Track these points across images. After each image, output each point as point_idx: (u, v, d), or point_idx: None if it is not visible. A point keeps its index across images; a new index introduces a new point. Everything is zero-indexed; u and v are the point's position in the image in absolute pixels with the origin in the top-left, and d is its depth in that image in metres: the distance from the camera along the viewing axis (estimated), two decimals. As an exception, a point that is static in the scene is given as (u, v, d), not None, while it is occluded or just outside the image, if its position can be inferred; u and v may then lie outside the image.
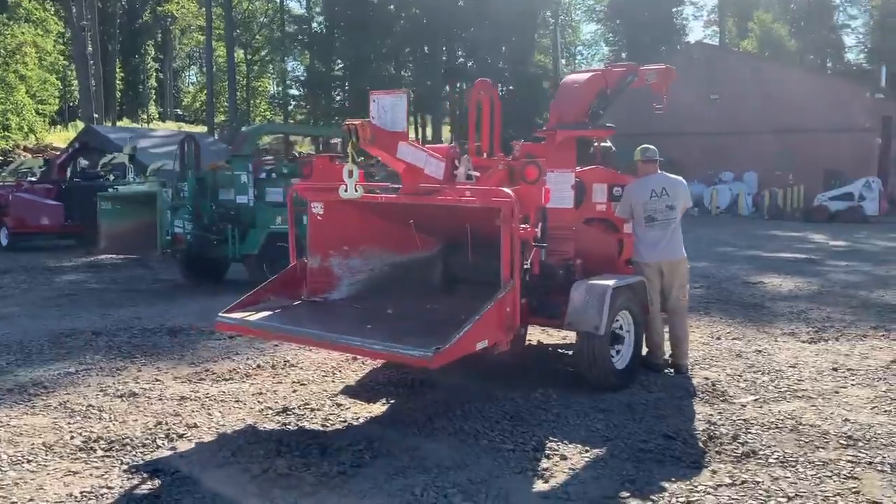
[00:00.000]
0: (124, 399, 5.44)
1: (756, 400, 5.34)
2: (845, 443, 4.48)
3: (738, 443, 4.48)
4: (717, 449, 4.40)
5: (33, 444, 4.55)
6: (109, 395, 5.55)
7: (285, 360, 6.47)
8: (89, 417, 5.05)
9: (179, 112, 66.48)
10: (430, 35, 41.26)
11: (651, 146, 6.05)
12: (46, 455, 4.38)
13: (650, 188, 5.94)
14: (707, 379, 5.86)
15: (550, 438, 4.56)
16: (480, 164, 5.76)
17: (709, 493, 3.78)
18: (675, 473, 4.05)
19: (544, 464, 4.20)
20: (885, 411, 5.07)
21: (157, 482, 4.00)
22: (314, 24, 44.97)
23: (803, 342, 7.16)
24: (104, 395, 5.53)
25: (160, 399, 5.45)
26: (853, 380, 5.83)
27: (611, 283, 5.37)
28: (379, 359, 4.43)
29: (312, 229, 5.53)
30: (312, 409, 5.16)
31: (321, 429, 4.83)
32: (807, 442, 4.50)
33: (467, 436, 4.61)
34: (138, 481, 4.01)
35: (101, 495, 3.85)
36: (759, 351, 6.77)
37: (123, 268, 13.54)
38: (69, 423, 4.93)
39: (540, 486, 3.93)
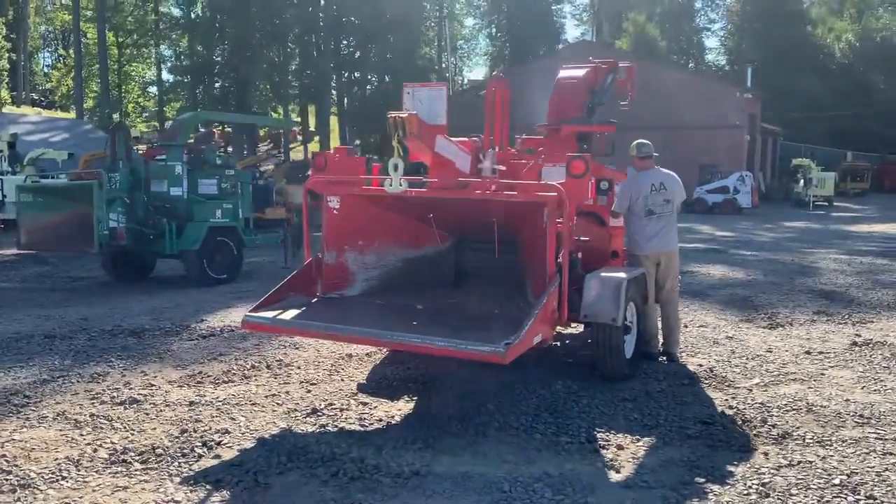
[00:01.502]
0: (127, 406, 5.07)
1: (758, 384, 5.66)
2: (860, 421, 4.84)
3: (769, 425, 4.74)
4: (754, 432, 4.64)
5: (56, 459, 4.17)
6: (107, 402, 5.16)
7: (278, 360, 6.23)
8: (100, 428, 4.68)
9: (35, 97, 61.78)
10: (317, 24, 40.49)
11: (647, 141, 6.25)
12: (78, 470, 4.04)
13: (650, 182, 6.14)
14: (700, 366, 6.15)
15: (597, 429, 4.65)
16: (501, 158, 5.76)
17: (776, 476, 3.98)
18: (733, 458, 4.24)
19: (606, 454, 4.28)
20: (875, 391, 5.51)
21: (225, 493, 3.77)
22: (195, 7, 42.93)
23: (763, 328, 7.64)
24: (102, 403, 5.14)
25: (167, 405, 5.12)
26: (829, 362, 6.29)
27: (624, 275, 5.53)
28: (443, 355, 4.36)
29: (328, 224, 5.36)
30: (341, 410, 5.01)
31: (361, 429, 4.70)
32: (826, 422, 4.82)
33: (516, 430, 4.62)
34: (204, 494, 3.77)
35: (173, 511, 3.60)
36: (730, 338, 7.16)
37: (20, 265, 12.54)
38: (81, 434, 4.55)
39: (615, 476, 4.01)
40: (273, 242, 11.76)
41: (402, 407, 5.12)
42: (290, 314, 4.95)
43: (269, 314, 4.89)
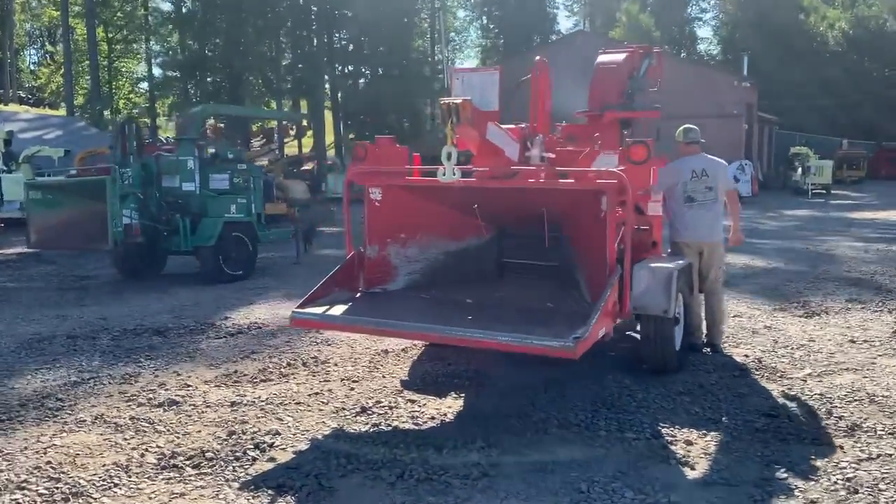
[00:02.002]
0: (166, 408, 4.88)
1: (811, 374, 5.51)
2: (926, 411, 4.71)
3: (836, 417, 4.59)
4: (821, 424, 4.50)
5: (104, 465, 3.99)
6: (145, 404, 4.97)
7: (313, 357, 6.04)
8: (143, 431, 4.49)
9: (22, 94, 61.03)
10: (310, 17, 40.07)
11: (694, 126, 6.09)
12: (129, 477, 3.85)
13: (691, 168, 5.99)
14: (747, 357, 6.01)
15: (660, 424, 4.49)
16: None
17: (858, 470, 3.83)
18: (807, 451, 4.09)
19: (676, 450, 4.12)
20: (931, 379, 5.39)
21: (290, 499, 3.60)
22: (186, 2, 42.41)
23: (799, 317, 7.51)
24: (139, 406, 4.95)
25: (208, 406, 4.93)
26: (876, 351, 6.15)
27: (673, 265, 5.37)
28: (509, 351, 4.19)
29: (370, 217, 5.17)
30: (390, 408, 4.83)
31: (415, 427, 4.53)
32: (893, 412, 4.69)
33: (577, 426, 4.46)
34: (267, 500, 3.59)
35: (239, 518, 3.42)
36: (768, 327, 7.02)
37: (23, 264, 12.28)
38: (124, 438, 4.37)
39: (691, 473, 3.86)
40: (285, 237, 11.55)
41: (451, 404, 4.95)
42: (339, 310, 4.77)
43: (318, 310, 4.71)
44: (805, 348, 6.24)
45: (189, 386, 5.36)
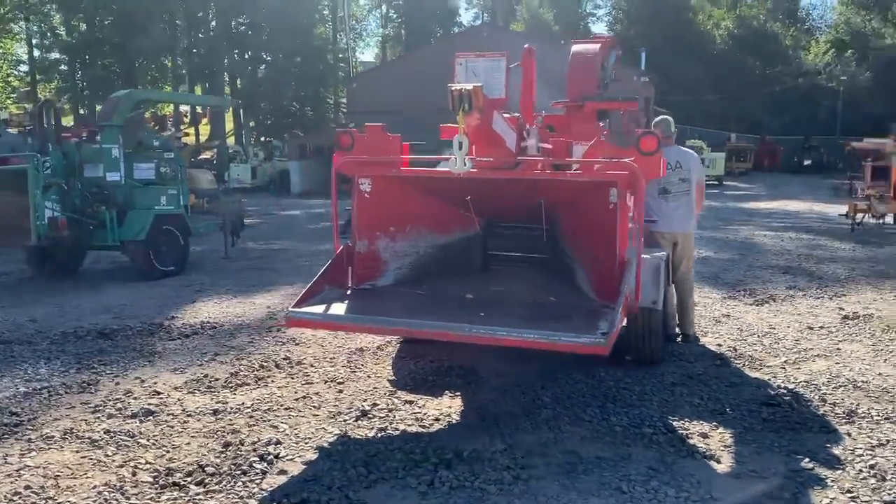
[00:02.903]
0: (142, 419, 4.47)
1: (787, 362, 5.65)
2: (908, 394, 4.90)
3: (830, 404, 4.70)
4: (820, 412, 4.59)
5: (93, 486, 3.59)
6: (116, 416, 4.53)
7: (284, 359, 5.71)
8: (125, 446, 4.08)
9: None
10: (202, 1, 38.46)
11: (668, 118, 6.11)
12: (128, 499, 3.48)
13: (666, 160, 6.00)
14: (720, 346, 6.10)
15: (669, 417, 4.47)
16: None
17: (876, 457, 3.90)
18: (819, 440, 4.15)
19: (697, 444, 4.09)
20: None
21: (321, 515, 3.33)
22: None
23: (751, 305, 7.73)
24: (110, 418, 4.51)
25: (189, 415, 4.55)
26: (835, 337, 6.38)
27: (658, 256, 5.38)
28: (537, 348, 4.02)
29: (360, 209, 4.90)
30: (390, 411, 4.59)
31: (423, 430, 4.31)
32: (878, 397, 4.84)
33: (589, 422, 4.37)
34: (297, 517, 3.31)
35: (273, 540, 3.13)
36: (727, 316, 7.19)
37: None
38: (106, 455, 3.96)
39: (719, 467, 3.83)
40: (213, 230, 10.97)
41: (450, 404, 4.76)
42: (338, 308, 4.48)
43: (316, 309, 4.40)
44: (770, 336, 6.41)
45: (159, 393, 4.94)
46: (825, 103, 47.90)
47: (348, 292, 4.87)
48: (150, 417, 4.50)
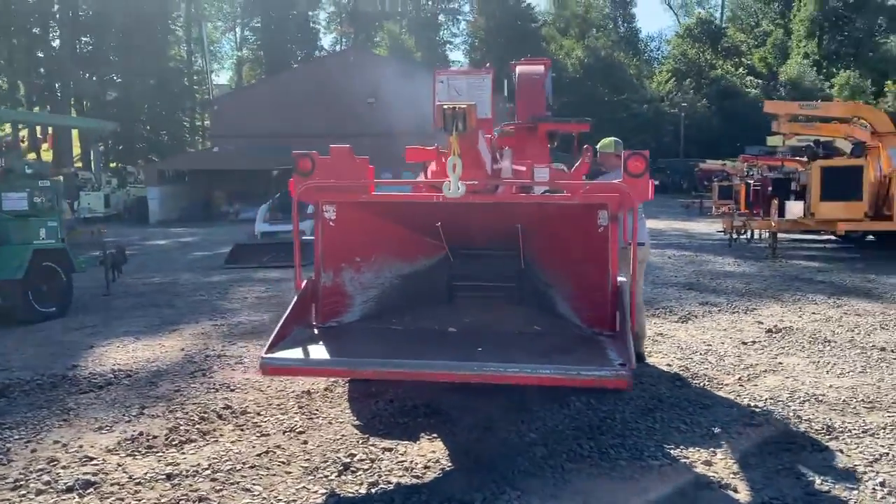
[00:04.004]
0: (82, 493, 3.80)
1: (741, 379, 5.69)
2: (869, 407, 5.01)
3: (805, 420, 4.73)
4: (801, 428, 4.60)
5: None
6: (48, 492, 3.83)
7: (225, 408, 5.10)
8: (72, 529, 3.42)
9: None
10: (50, 16, 35.85)
11: (620, 140, 6.09)
12: None
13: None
14: (670, 366, 6.09)
15: (665, 445, 4.32)
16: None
17: (879, 473, 3.91)
18: (817, 458, 4.12)
19: (706, 472, 3.95)
20: (840, 375, 5.79)
21: None
22: None
23: (676, 322, 7.84)
24: (41, 494, 3.80)
25: (139, 483, 3.91)
26: (771, 351, 6.55)
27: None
28: (553, 385, 3.71)
29: (325, 239, 4.45)
30: (373, 461, 4.15)
31: (419, 481, 3.91)
32: (843, 410, 4.93)
33: (590, 459, 4.13)
34: None
35: None
36: (661, 335, 7.23)
37: None
38: (54, 543, 3.29)
39: (739, 496, 3.69)
40: (93, 265, 9.94)
41: (433, 448, 4.37)
42: (318, 351, 4.01)
43: (294, 354, 3.91)
44: (712, 353, 6.48)
45: (92, 459, 4.24)
46: (669, 128, 51.17)
47: (315, 331, 4.40)
48: (92, 490, 3.83)
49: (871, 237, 15.15)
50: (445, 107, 3.66)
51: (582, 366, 3.65)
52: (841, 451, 4.23)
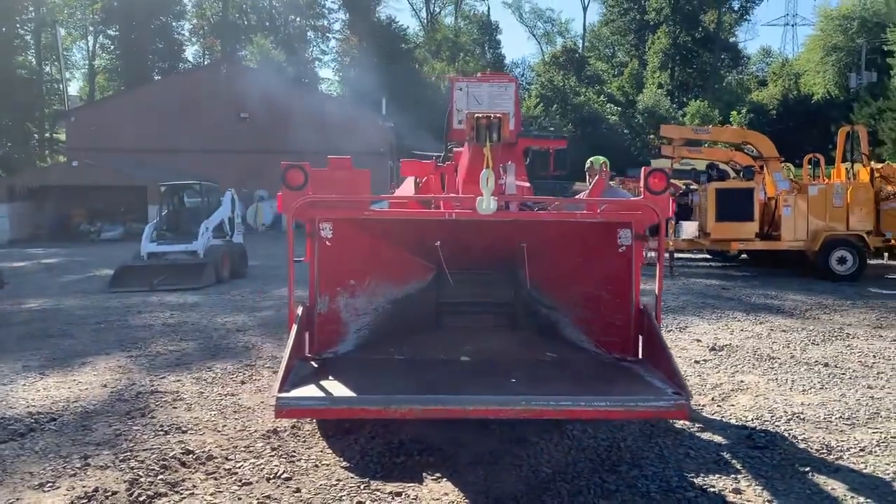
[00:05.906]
0: (50, 570, 3.12)
1: (714, 399, 5.66)
2: (849, 423, 5.08)
3: (802, 440, 4.71)
4: (802, 447, 4.57)
5: None
6: (4, 571, 3.12)
7: (185, 453, 4.46)
8: None
9: None
10: None
11: (606, 159, 5.98)
12: None
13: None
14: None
15: (686, 474, 4.14)
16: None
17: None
18: (840, 478, 4.08)
19: (742, 502, 3.81)
20: (804, 392, 5.89)
21: None
22: None
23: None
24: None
25: (117, 553, 3.27)
26: (725, 369, 6.60)
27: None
28: (613, 418, 3.38)
29: (322, 260, 3.97)
30: (386, 508, 3.71)
31: (446, 529, 3.52)
32: (829, 428, 4.96)
33: (619, 492, 3.88)
34: None
35: None
36: (612, 356, 7.15)
37: None
38: None
39: (786, 525, 3.57)
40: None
41: (445, 490, 3.97)
42: (336, 388, 3.52)
43: (310, 392, 3.41)
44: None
45: (46, 526, 3.53)
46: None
47: (314, 364, 3.90)
48: (60, 565, 3.16)
49: (744, 255, 16.11)
50: (479, 115, 3.33)
51: (637, 396, 3.40)
52: (856, 471, 4.21)
